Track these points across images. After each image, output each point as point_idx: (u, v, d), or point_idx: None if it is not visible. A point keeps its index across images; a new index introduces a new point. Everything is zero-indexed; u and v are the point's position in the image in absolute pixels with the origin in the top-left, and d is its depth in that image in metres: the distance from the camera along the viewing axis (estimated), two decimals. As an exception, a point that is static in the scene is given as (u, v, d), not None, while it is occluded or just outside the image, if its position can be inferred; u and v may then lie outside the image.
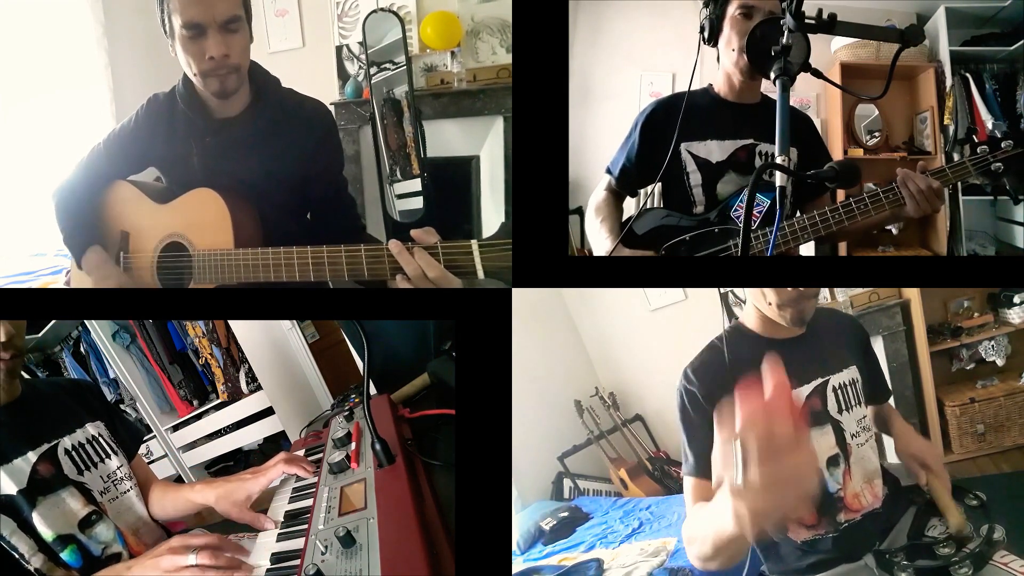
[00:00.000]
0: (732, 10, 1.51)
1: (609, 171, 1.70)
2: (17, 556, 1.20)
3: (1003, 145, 1.44)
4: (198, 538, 1.19)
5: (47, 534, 1.23)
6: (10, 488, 1.21)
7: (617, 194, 1.71)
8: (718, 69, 1.61)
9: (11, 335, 1.30)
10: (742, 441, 0.66)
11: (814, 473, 0.68)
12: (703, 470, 1.19)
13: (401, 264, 1.27)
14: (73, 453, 1.34)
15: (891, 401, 1.46)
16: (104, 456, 1.40)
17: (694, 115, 1.57)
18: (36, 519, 1.22)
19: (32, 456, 1.27)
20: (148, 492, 1.51)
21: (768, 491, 0.65)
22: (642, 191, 1.71)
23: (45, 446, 1.30)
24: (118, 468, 1.42)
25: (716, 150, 1.58)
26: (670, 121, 1.58)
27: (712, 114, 1.59)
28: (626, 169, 1.66)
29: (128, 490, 1.42)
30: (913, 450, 1.36)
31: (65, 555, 1.24)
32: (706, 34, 1.56)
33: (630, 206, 1.76)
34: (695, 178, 1.59)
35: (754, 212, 1.54)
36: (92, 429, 1.41)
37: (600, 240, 1.66)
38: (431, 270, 1.25)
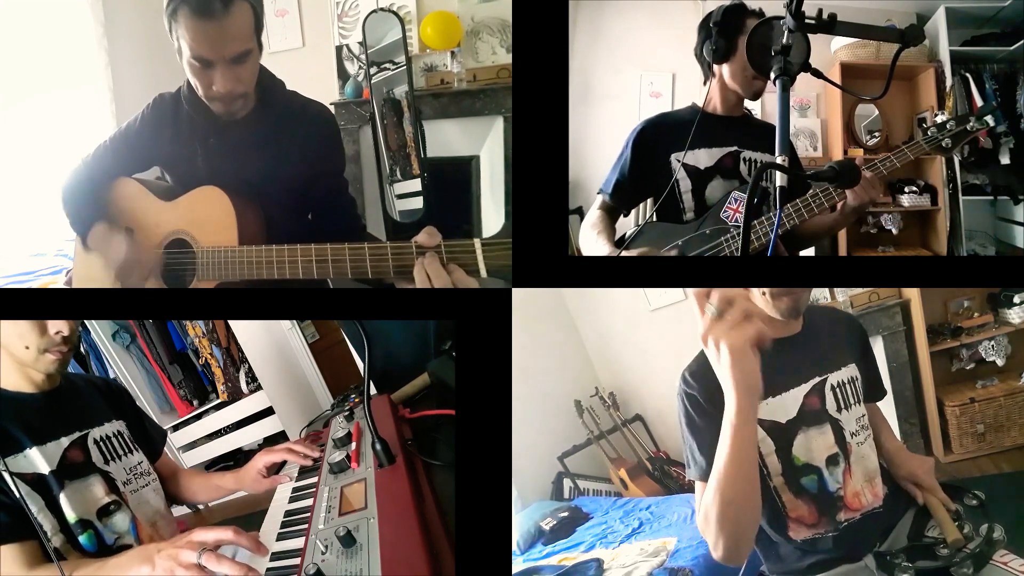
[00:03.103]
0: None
1: (602, 191, 1.77)
2: (41, 532, 1.25)
3: (947, 125, 1.53)
4: (211, 532, 1.17)
5: (70, 516, 1.29)
6: (43, 467, 1.28)
7: (611, 211, 1.77)
8: (705, 85, 1.71)
9: (72, 330, 1.39)
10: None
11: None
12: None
13: (431, 276, 1.24)
14: (101, 444, 1.41)
15: (882, 409, 1.43)
16: (127, 450, 1.47)
17: (683, 129, 1.67)
18: (63, 500, 1.28)
19: (65, 441, 1.34)
20: (179, 480, 1.68)
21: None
22: (634, 210, 1.81)
23: (76, 434, 1.37)
24: (139, 463, 1.49)
25: (704, 157, 1.67)
26: (660, 137, 1.70)
27: (700, 127, 1.67)
28: (620, 184, 1.73)
29: (148, 484, 1.49)
30: (905, 471, 1.35)
31: (83, 539, 1.29)
32: (719, 56, 1.62)
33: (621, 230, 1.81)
34: (685, 184, 1.67)
35: (736, 208, 1.62)
36: (117, 426, 1.48)
37: (599, 252, 1.71)
38: (461, 279, 1.24)
